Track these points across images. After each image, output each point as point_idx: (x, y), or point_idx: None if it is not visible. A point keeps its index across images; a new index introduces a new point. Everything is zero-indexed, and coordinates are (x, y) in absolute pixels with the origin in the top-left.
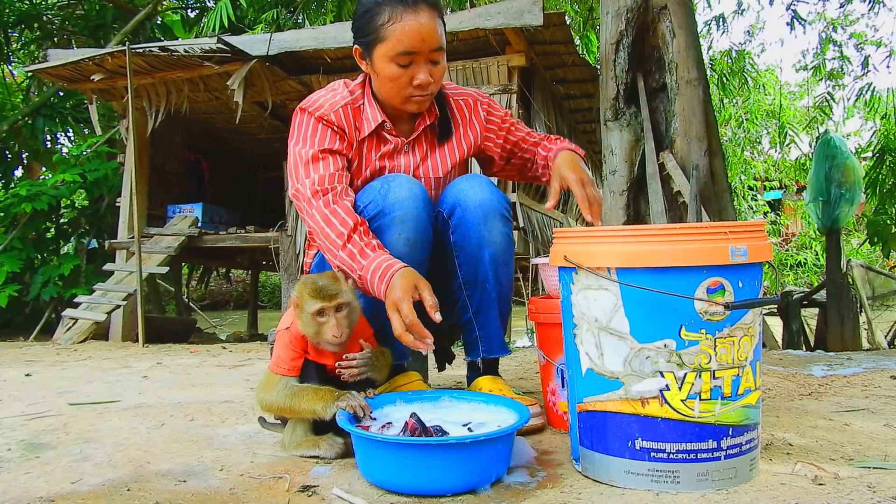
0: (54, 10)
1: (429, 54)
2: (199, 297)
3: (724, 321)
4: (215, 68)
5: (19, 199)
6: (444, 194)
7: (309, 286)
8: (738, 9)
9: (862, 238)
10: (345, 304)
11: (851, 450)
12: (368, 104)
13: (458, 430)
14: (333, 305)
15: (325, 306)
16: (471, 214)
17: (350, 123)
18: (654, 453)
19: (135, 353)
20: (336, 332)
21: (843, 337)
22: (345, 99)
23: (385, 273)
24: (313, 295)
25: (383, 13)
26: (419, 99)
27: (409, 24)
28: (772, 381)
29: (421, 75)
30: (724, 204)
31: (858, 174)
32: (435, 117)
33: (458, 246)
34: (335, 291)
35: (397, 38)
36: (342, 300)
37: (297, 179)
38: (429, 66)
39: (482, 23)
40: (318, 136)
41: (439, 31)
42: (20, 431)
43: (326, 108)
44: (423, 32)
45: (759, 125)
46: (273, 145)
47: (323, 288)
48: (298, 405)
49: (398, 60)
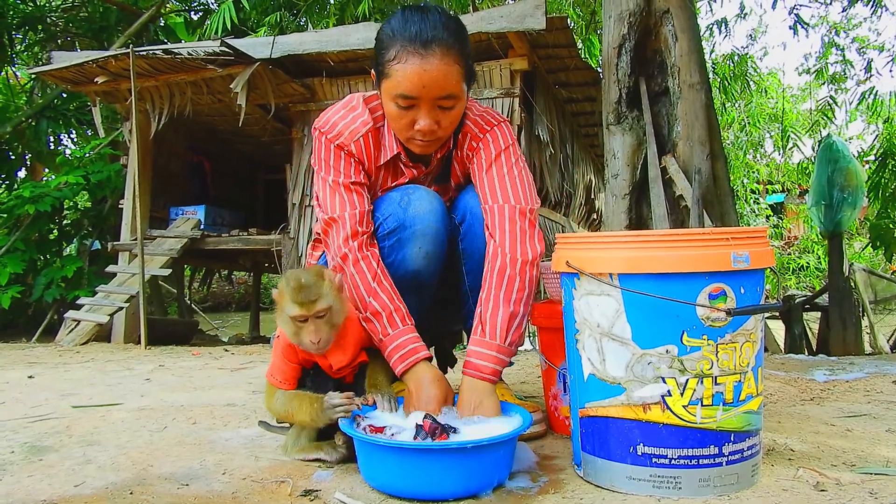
0: (58, 13)
1: (432, 101)
2: (202, 298)
3: (726, 327)
4: (218, 71)
5: (22, 200)
6: (458, 201)
7: (291, 286)
8: (740, 12)
9: (864, 242)
10: (324, 311)
11: (853, 455)
12: (388, 129)
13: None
14: (312, 314)
15: (304, 314)
16: (479, 223)
17: (370, 153)
18: (656, 459)
19: (137, 356)
20: (314, 339)
21: (845, 341)
22: (366, 126)
23: (410, 355)
24: (293, 298)
25: (392, 49)
26: (421, 143)
27: (412, 68)
28: (774, 386)
29: (423, 121)
30: (727, 208)
31: (861, 178)
32: (447, 150)
33: (467, 254)
34: (315, 297)
35: (397, 80)
36: (322, 307)
37: (329, 209)
38: (435, 112)
39: (485, 26)
40: (343, 165)
41: (451, 78)
42: (23, 434)
43: (346, 137)
44: (426, 79)
45: (761, 129)
46: (275, 147)
47: (304, 291)
48: (295, 415)
49: (398, 101)
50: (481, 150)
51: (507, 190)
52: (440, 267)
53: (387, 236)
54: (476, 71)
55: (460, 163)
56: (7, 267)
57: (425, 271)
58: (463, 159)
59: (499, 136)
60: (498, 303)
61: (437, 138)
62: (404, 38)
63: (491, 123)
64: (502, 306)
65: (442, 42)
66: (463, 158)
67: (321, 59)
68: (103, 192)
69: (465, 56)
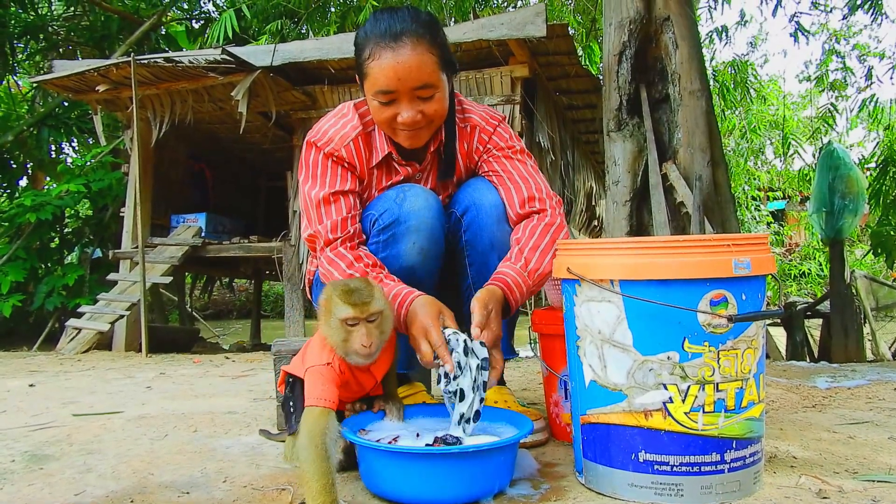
0: (60, 21)
1: (410, 92)
2: (202, 306)
3: (728, 334)
4: (219, 79)
5: (24, 208)
6: (458, 194)
7: (341, 289)
8: (740, 20)
9: (865, 249)
10: (377, 314)
11: (856, 463)
12: (378, 131)
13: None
14: (365, 316)
15: (358, 316)
16: (485, 214)
17: (361, 156)
18: (658, 466)
19: (138, 363)
20: (365, 342)
21: (846, 348)
22: (355, 129)
23: (405, 299)
24: (345, 300)
25: (367, 48)
26: (408, 135)
27: (386, 62)
28: (775, 393)
29: (404, 114)
30: (728, 214)
31: (862, 185)
32: (439, 143)
33: (470, 244)
34: (368, 299)
35: (375, 77)
36: (375, 309)
37: (311, 224)
38: (416, 103)
39: (486, 34)
40: (329, 176)
41: (425, 67)
42: (24, 442)
43: (336, 143)
44: (400, 71)
45: (762, 135)
46: (276, 155)
47: (356, 293)
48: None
49: (378, 98)
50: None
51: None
52: (437, 266)
53: (382, 231)
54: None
55: (466, 156)
56: (8, 275)
57: (420, 268)
58: (471, 152)
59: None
60: (530, 238)
61: (424, 128)
62: (376, 36)
63: (497, 118)
64: (533, 240)
65: (412, 33)
66: (471, 151)
67: (322, 67)
68: (104, 200)
69: (437, 45)
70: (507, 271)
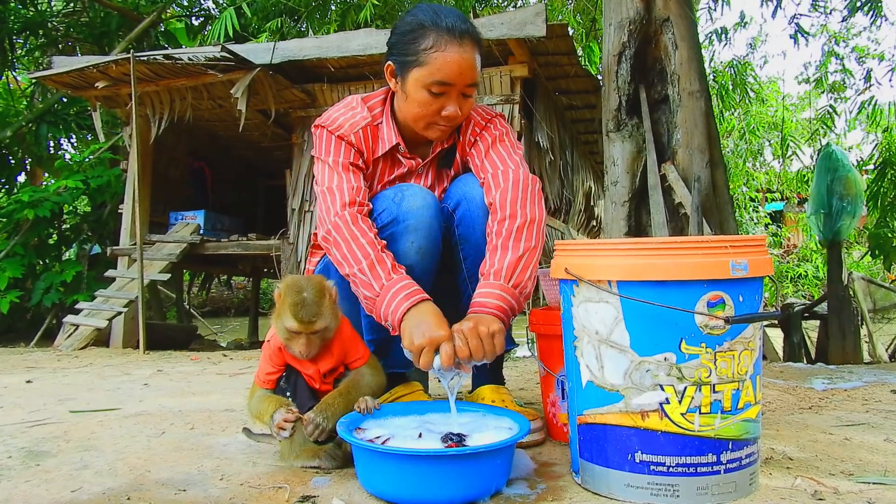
0: (59, 18)
1: (463, 88)
2: (200, 303)
3: (725, 335)
4: (219, 76)
5: (22, 205)
6: (450, 189)
7: (292, 300)
8: (740, 21)
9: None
10: (320, 330)
11: (851, 464)
12: (386, 123)
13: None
14: (308, 332)
15: (301, 331)
16: (476, 206)
17: (368, 145)
18: (654, 467)
19: (135, 360)
20: (304, 350)
21: (844, 350)
22: (365, 119)
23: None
24: (293, 313)
25: (428, 38)
26: (443, 128)
27: (452, 56)
28: (772, 395)
29: (451, 107)
30: (726, 215)
31: (860, 187)
32: (452, 142)
33: (464, 238)
34: (314, 318)
35: (437, 67)
36: (319, 327)
37: (323, 183)
38: (460, 99)
39: (485, 33)
40: (343, 149)
41: (477, 67)
42: (21, 439)
43: (346, 129)
44: (463, 66)
45: (761, 137)
46: (275, 153)
47: (305, 309)
48: (262, 417)
49: (432, 88)
50: (485, 135)
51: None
52: (435, 265)
53: (380, 230)
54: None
55: (462, 152)
56: (6, 271)
57: (418, 266)
58: (465, 146)
59: (498, 125)
60: (506, 249)
61: (455, 125)
62: (441, 29)
63: (490, 114)
64: (510, 251)
65: (473, 35)
66: (465, 146)
67: (322, 65)
68: (103, 196)
69: (482, 47)
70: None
